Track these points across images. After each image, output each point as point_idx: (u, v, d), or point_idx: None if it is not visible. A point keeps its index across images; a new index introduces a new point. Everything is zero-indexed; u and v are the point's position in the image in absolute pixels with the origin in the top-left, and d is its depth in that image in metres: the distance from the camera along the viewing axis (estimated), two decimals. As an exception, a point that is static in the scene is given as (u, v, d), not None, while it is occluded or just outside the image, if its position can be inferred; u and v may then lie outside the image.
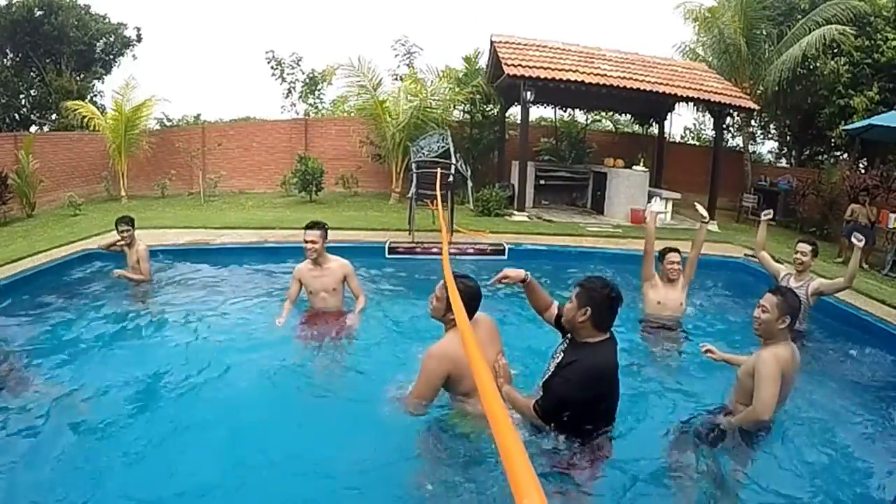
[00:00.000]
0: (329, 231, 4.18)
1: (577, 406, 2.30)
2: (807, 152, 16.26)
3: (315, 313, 4.11)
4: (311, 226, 4.06)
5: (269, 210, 10.45)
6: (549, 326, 2.77)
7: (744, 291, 5.79)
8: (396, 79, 14.30)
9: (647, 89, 10.02)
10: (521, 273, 2.70)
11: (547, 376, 2.41)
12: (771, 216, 4.65)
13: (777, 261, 6.83)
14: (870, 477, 2.68)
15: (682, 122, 25.31)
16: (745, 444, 2.62)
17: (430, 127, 11.10)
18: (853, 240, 4.05)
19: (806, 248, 4.24)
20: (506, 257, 6.79)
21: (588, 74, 9.94)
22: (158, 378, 3.31)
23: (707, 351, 3.17)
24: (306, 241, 4.00)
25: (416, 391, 2.56)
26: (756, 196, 12.22)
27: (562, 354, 2.40)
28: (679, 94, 10.38)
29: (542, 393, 2.40)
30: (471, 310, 2.51)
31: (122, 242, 4.97)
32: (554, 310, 2.65)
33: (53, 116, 16.64)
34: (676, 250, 4.36)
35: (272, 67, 16.21)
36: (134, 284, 4.99)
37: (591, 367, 2.29)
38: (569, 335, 2.44)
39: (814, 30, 11.43)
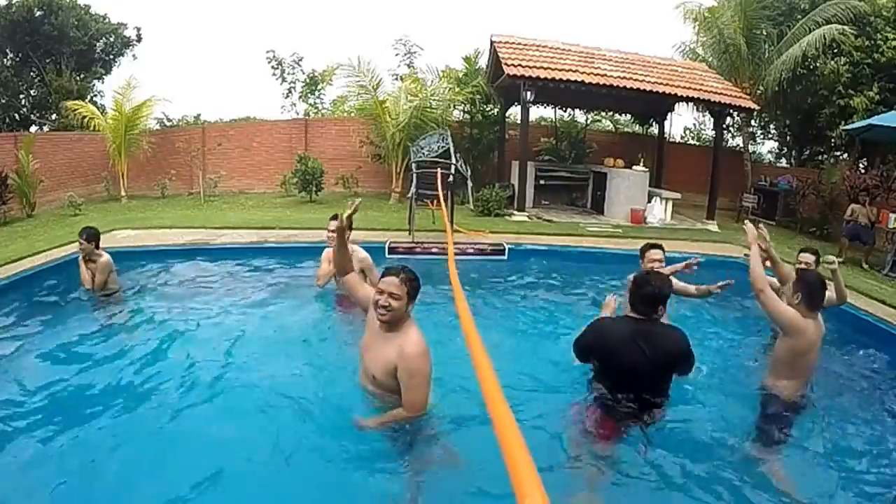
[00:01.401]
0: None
1: (582, 345, 2.89)
2: (807, 152, 16.26)
3: (340, 297, 4.41)
4: (334, 217, 4.28)
5: (269, 210, 10.46)
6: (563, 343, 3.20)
7: (743, 291, 5.78)
8: (396, 79, 14.32)
9: (647, 89, 10.02)
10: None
11: None
12: None
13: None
14: (867, 477, 2.68)
15: (682, 122, 25.35)
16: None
17: (430, 127, 11.10)
18: (824, 265, 3.90)
19: (809, 258, 4.12)
20: (506, 257, 6.79)
21: (588, 74, 9.94)
22: (159, 377, 3.31)
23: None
24: (328, 230, 4.33)
25: (423, 397, 2.44)
26: (756, 196, 12.23)
27: None
28: (679, 94, 10.39)
29: None
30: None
31: (83, 256, 4.57)
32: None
33: (53, 116, 16.62)
34: (659, 246, 4.01)
35: (272, 67, 16.22)
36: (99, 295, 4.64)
37: (602, 326, 2.90)
38: None
39: (814, 30, 11.43)
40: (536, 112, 15.26)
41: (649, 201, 10.60)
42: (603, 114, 15.60)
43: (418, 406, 2.44)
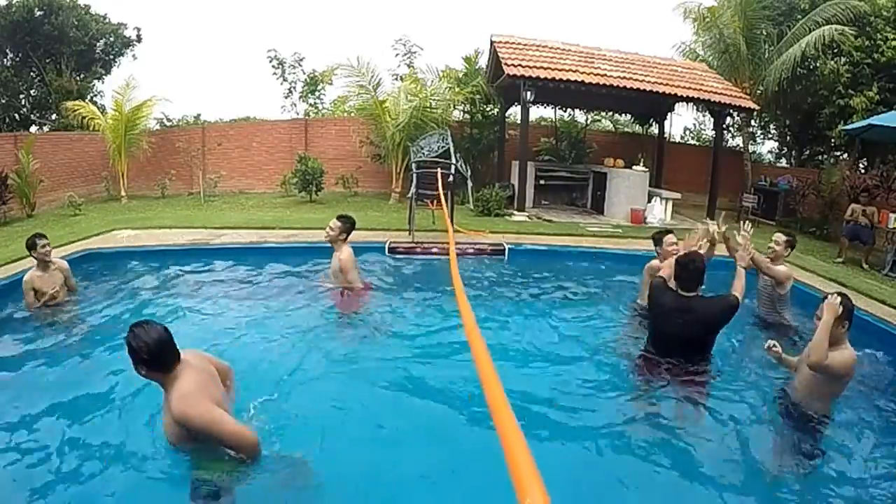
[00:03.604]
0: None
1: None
2: (807, 152, 16.26)
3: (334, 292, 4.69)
4: (338, 217, 4.68)
5: (269, 210, 10.46)
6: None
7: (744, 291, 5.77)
8: (396, 79, 14.32)
9: (647, 89, 10.02)
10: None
11: None
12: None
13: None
14: (868, 474, 2.68)
15: (682, 122, 25.38)
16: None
17: (430, 127, 11.09)
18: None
19: (780, 237, 4.43)
20: (506, 257, 6.78)
21: (588, 74, 9.94)
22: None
23: (770, 348, 3.24)
24: (329, 228, 4.63)
25: (236, 438, 2.15)
26: (756, 196, 12.22)
27: None
28: (679, 94, 10.38)
29: None
30: (167, 363, 2.17)
31: (42, 263, 4.39)
32: None
33: (53, 116, 16.62)
34: (672, 232, 4.60)
35: (273, 67, 16.20)
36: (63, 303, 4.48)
37: (657, 292, 3.51)
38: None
39: (814, 30, 11.43)
40: (536, 112, 15.29)
41: (649, 201, 10.60)
42: (603, 114, 15.60)
43: (245, 447, 2.17)
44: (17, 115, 16.92)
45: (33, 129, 16.76)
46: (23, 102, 17.17)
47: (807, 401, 3.01)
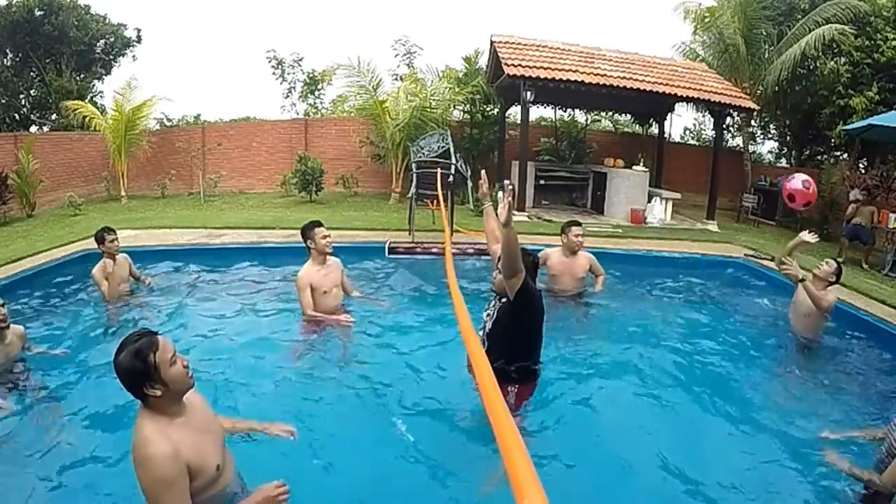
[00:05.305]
0: (328, 230, 4.17)
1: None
2: (807, 152, 16.26)
3: (324, 311, 4.00)
4: (320, 223, 4.04)
5: (268, 210, 10.46)
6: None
7: (744, 291, 5.79)
8: (396, 79, 14.32)
9: (647, 89, 10.01)
10: None
11: None
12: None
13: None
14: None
15: (682, 122, 25.38)
16: None
17: (430, 127, 11.09)
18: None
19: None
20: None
21: (588, 74, 9.93)
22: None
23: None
24: (325, 238, 3.97)
25: None
26: (756, 196, 12.22)
27: None
28: (679, 94, 10.37)
29: None
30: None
31: (109, 256, 4.50)
32: None
33: (53, 116, 16.63)
34: (580, 224, 4.80)
35: (273, 67, 16.21)
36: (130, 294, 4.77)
37: None
38: None
39: (813, 30, 11.43)
40: (536, 112, 15.28)
41: (649, 201, 10.60)
42: (603, 114, 15.59)
43: None
44: (17, 115, 16.91)
45: (33, 129, 16.75)
46: (23, 102, 17.17)
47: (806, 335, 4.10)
